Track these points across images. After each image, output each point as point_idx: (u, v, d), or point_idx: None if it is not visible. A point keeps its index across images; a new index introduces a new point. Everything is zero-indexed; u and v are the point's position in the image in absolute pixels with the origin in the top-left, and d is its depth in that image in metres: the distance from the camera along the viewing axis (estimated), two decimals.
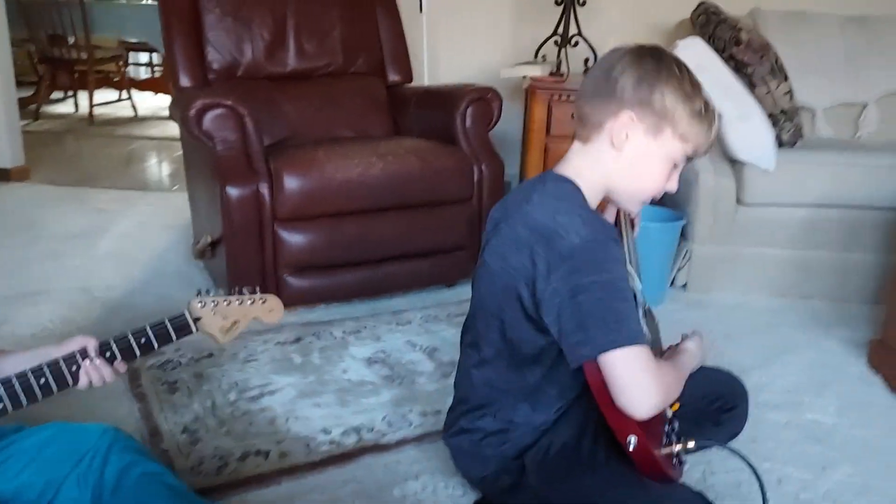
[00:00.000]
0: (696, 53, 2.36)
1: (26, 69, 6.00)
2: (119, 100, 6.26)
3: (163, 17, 2.49)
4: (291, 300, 2.20)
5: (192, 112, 2.07)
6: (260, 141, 2.14)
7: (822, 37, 2.98)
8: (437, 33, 3.18)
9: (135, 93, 6.06)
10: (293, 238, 2.13)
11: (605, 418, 1.13)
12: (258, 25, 2.57)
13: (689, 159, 1.22)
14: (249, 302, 1.44)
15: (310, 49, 2.66)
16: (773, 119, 2.49)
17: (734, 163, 2.46)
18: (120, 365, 1.29)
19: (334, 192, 2.12)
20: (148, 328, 1.31)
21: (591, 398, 1.15)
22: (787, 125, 2.51)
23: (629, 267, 1.40)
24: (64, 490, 1.19)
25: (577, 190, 1.21)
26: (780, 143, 2.51)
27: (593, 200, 1.25)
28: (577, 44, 2.99)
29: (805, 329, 2.28)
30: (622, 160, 1.20)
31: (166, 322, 1.33)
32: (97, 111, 5.64)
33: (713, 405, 1.40)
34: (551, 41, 3.00)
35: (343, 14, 2.71)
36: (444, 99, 2.49)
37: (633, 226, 1.61)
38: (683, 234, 2.56)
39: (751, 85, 2.48)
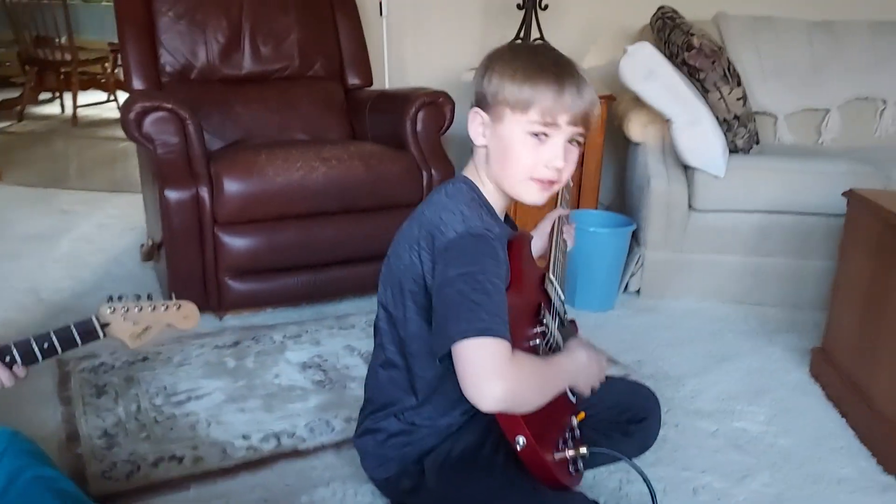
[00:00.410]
0: (643, 58, 2.35)
1: (17, 70, 6.03)
2: (107, 101, 6.29)
3: (117, 19, 2.49)
4: (233, 304, 2.21)
5: (132, 115, 2.07)
6: (202, 144, 2.14)
7: (788, 42, 2.97)
8: (403, 37, 3.18)
9: (122, 94, 6.08)
10: (234, 242, 2.12)
11: (496, 418, 1.12)
12: (212, 29, 2.57)
13: (549, 125, 1.15)
14: (163, 308, 1.43)
15: (265, 52, 2.66)
16: (727, 125, 2.48)
17: (688, 169, 2.45)
18: (19, 369, 1.29)
19: (274, 196, 2.12)
20: (52, 333, 1.30)
21: None
22: (741, 131, 2.50)
23: (551, 276, 1.39)
24: None
25: (473, 189, 1.23)
26: (735, 149, 2.51)
27: (496, 198, 1.25)
28: None
29: (752, 336, 2.26)
30: (490, 153, 1.22)
31: (72, 327, 1.32)
32: (82, 112, 5.66)
33: (623, 416, 1.40)
34: None
35: (300, 17, 2.71)
36: (396, 103, 2.49)
37: (567, 237, 1.59)
38: (636, 240, 2.55)
39: (703, 90, 2.46)
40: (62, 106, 5.98)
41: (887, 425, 1.63)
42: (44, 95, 6.23)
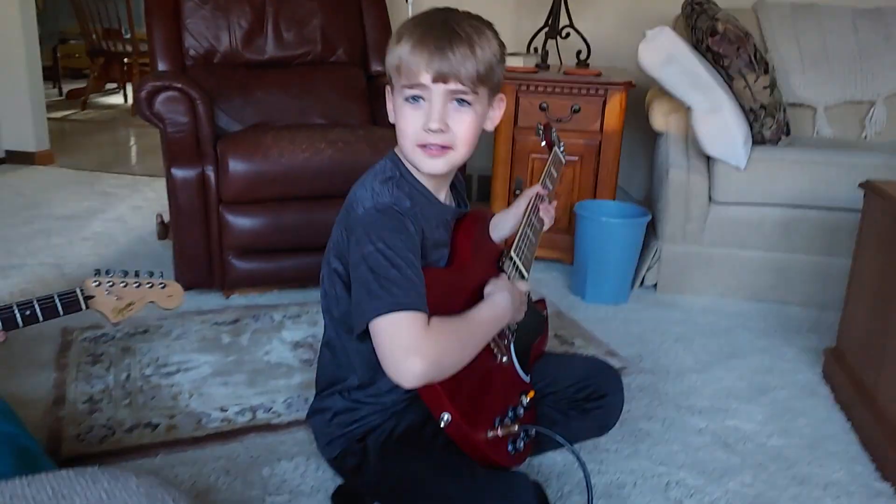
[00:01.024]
0: (662, 43, 2.27)
1: (87, 62, 6.30)
2: None
3: (145, 4, 2.57)
4: (237, 283, 2.24)
5: (143, 94, 2.12)
6: (211, 124, 2.18)
7: (831, 30, 2.82)
8: None
9: None
10: (238, 221, 2.15)
11: (420, 395, 1.10)
12: (236, 14, 2.61)
13: (416, 86, 1.10)
14: (148, 286, 1.47)
15: (288, 38, 2.69)
16: (753, 114, 2.37)
17: (709, 160, 2.36)
18: (0, 334, 1.34)
19: (278, 177, 2.14)
20: (35, 301, 1.35)
21: None
22: (769, 121, 2.38)
23: (512, 254, 1.36)
24: None
25: (397, 165, 1.21)
26: (763, 140, 2.40)
27: (421, 175, 1.21)
28: (567, 35, 2.93)
29: (767, 335, 2.16)
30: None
31: (55, 297, 1.37)
32: None
33: (581, 393, 1.34)
34: (543, 33, 2.94)
35: (324, 3, 2.72)
36: None
37: (545, 216, 1.56)
38: (654, 233, 2.47)
39: (728, 78, 2.36)
40: (125, 96, 6.21)
41: (889, 429, 1.53)
42: (109, 86, 6.48)
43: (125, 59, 5.88)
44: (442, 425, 1.08)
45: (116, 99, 6.28)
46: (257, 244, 2.19)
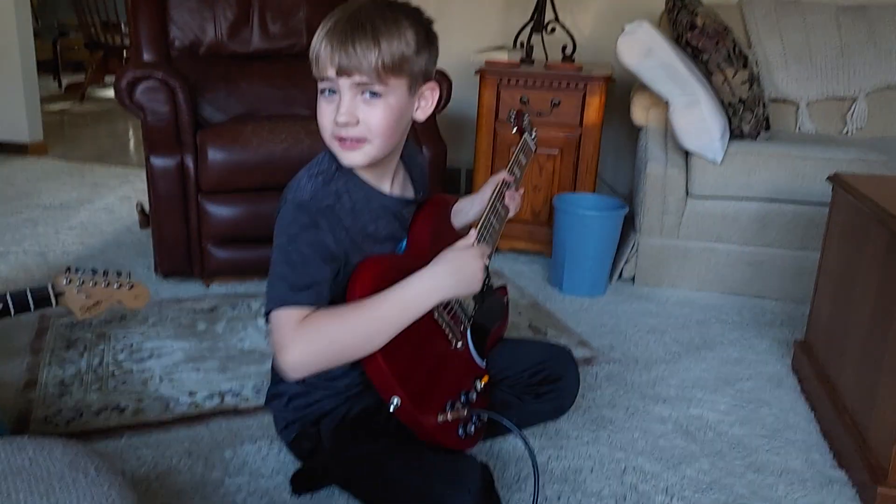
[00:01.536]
0: (641, 37, 2.28)
1: (86, 55, 6.34)
2: None
3: None
4: (216, 271, 2.26)
5: (124, 83, 2.15)
6: (191, 114, 2.20)
7: (815, 26, 2.83)
8: None
9: None
10: (217, 210, 2.18)
11: (370, 378, 1.12)
12: (222, 6, 2.63)
13: (325, 80, 1.11)
14: (116, 285, 1.50)
15: (274, 30, 2.71)
16: (732, 109, 2.38)
17: (688, 154, 2.37)
18: None
19: (257, 167, 2.16)
20: (8, 295, 1.38)
21: None
22: (747, 115, 2.39)
23: (485, 231, 1.37)
24: None
25: (333, 159, 1.20)
26: (742, 135, 2.41)
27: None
28: (553, 30, 2.94)
29: (740, 327, 2.17)
30: None
31: (27, 291, 1.40)
32: None
33: (535, 377, 1.36)
34: (529, 27, 2.95)
35: None
36: None
37: (505, 208, 1.55)
38: (633, 226, 2.49)
39: (707, 72, 2.38)
40: None
41: (848, 417, 1.54)
42: (108, 79, 6.50)
43: (124, 52, 5.91)
44: (391, 409, 1.10)
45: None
46: (236, 233, 2.22)
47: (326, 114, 1.12)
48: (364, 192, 1.20)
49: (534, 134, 1.74)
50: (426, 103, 1.19)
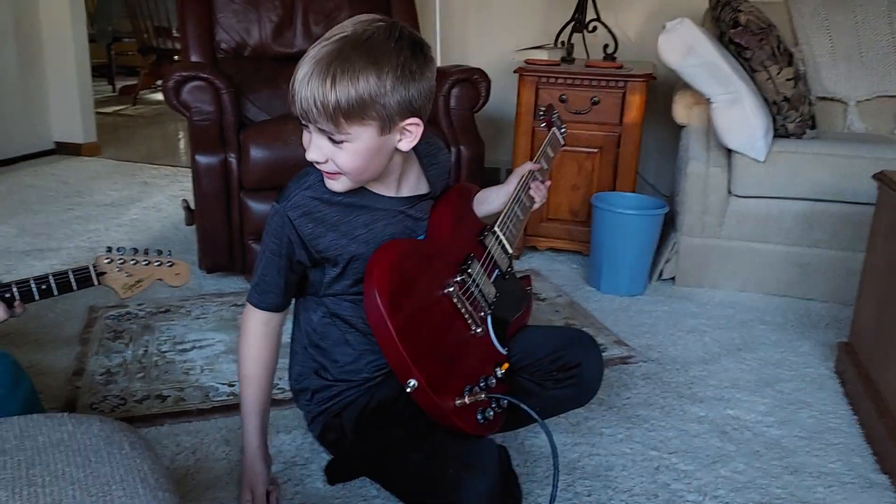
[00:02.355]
0: (682, 35, 2.25)
1: (139, 60, 6.52)
2: None
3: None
4: None
5: (171, 83, 2.21)
6: (235, 113, 2.26)
7: (865, 23, 2.76)
8: (467, 17, 3.23)
9: None
10: (258, 207, 2.22)
11: (387, 361, 1.13)
12: (266, 8, 2.69)
13: (306, 118, 1.10)
14: (157, 263, 1.54)
15: (316, 31, 2.75)
16: (776, 107, 2.34)
17: (730, 153, 2.34)
18: (18, 306, 1.41)
19: (298, 164, 2.16)
20: (51, 276, 1.43)
21: None
22: (792, 114, 2.35)
23: (496, 229, 1.38)
24: None
25: None
26: (786, 133, 2.36)
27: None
28: (594, 29, 2.93)
29: (783, 329, 2.13)
30: None
31: (69, 272, 1.44)
32: None
33: (555, 364, 1.34)
34: (570, 27, 2.95)
35: None
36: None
37: (535, 194, 1.54)
38: (673, 226, 2.46)
39: (751, 70, 2.34)
40: None
41: (891, 420, 1.50)
42: (160, 82, 6.67)
43: (175, 57, 6.06)
44: (408, 391, 1.10)
45: None
46: None
47: (304, 144, 1.15)
48: (358, 195, 1.19)
49: (563, 129, 1.73)
50: (410, 136, 1.13)
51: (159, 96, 6.42)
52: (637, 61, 2.87)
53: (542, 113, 1.73)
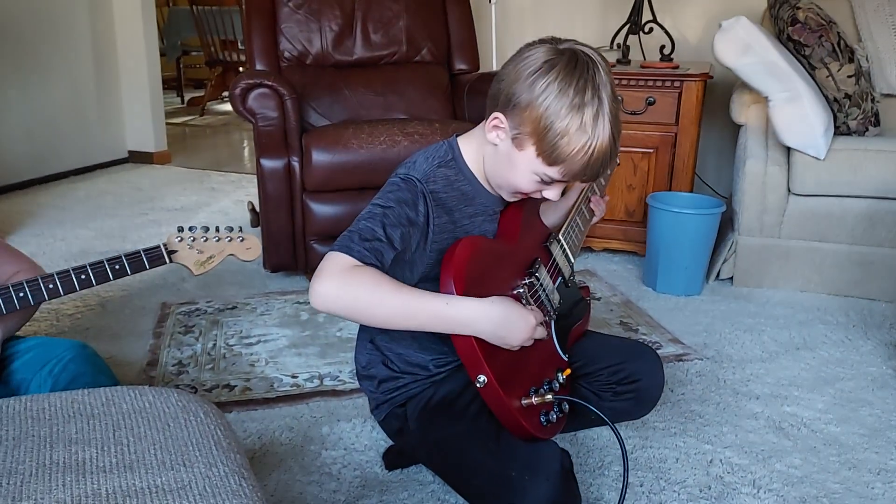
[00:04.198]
0: (739, 33, 2.24)
1: (207, 73, 6.77)
2: None
3: (245, 10, 2.78)
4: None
5: (238, 91, 2.31)
6: (298, 119, 2.34)
7: None
8: (523, 22, 3.27)
9: None
10: (320, 208, 2.30)
11: (459, 355, 1.16)
12: (327, 17, 2.78)
13: (563, 181, 1.15)
14: (227, 239, 1.60)
15: (375, 39, 2.84)
16: (837, 104, 2.31)
17: (789, 151, 2.31)
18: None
19: (358, 167, 2.27)
20: (123, 256, 1.51)
21: None
22: (854, 111, 2.31)
23: (561, 238, 1.41)
24: (31, 388, 1.43)
25: (451, 151, 1.25)
26: (848, 131, 2.33)
27: (478, 167, 1.26)
28: (651, 31, 2.93)
29: (845, 328, 2.10)
30: (492, 151, 1.20)
31: (141, 252, 1.53)
32: None
33: (615, 377, 1.35)
34: (626, 28, 2.96)
35: (410, 5, 2.85)
36: (488, 83, 2.56)
37: (590, 211, 1.57)
38: (731, 225, 2.45)
39: (810, 67, 2.31)
40: None
41: None
42: (226, 94, 6.90)
43: (240, 68, 6.27)
44: (478, 386, 1.12)
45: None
46: (338, 230, 2.28)
47: (531, 186, 1.18)
48: (472, 186, 1.25)
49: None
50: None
51: (225, 107, 6.65)
52: (694, 62, 2.86)
53: None
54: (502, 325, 1.12)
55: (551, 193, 1.19)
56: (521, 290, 1.25)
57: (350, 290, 1.07)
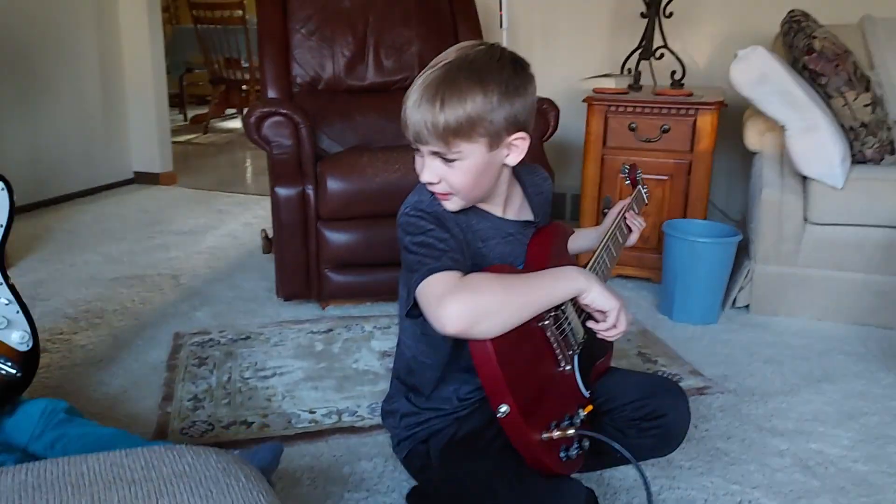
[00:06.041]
0: (755, 63, 2.24)
1: (209, 90, 6.77)
2: None
3: (259, 36, 2.77)
4: (333, 294, 2.37)
5: (253, 119, 2.30)
6: (312, 146, 2.33)
7: None
8: (532, 47, 3.26)
9: None
10: (335, 236, 2.29)
11: (482, 383, 1.14)
12: (339, 43, 2.78)
13: (418, 141, 1.15)
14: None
15: (387, 65, 2.83)
16: (853, 133, 2.31)
17: (805, 179, 2.30)
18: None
19: (373, 195, 2.26)
20: None
21: None
22: (870, 140, 2.31)
23: (602, 255, 1.40)
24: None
25: None
26: (864, 160, 2.32)
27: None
28: (661, 56, 2.93)
29: (865, 359, 2.08)
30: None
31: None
32: None
33: (639, 412, 1.33)
34: (636, 54, 2.96)
35: (421, 30, 2.85)
36: None
37: (628, 228, 1.57)
38: (747, 253, 2.43)
39: (826, 96, 2.31)
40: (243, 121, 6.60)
41: None
42: (229, 111, 6.91)
43: (243, 87, 6.28)
44: (499, 416, 1.10)
45: (235, 123, 6.69)
46: (352, 258, 2.32)
47: (417, 169, 1.20)
48: (475, 214, 1.24)
49: (646, 189, 1.74)
50: (517, 150, 1.19)
51: (228, 125, 6.65)
52: (705, 87, 2.86)
53: (626, 171, 1.75)
54: (600, 292, 1.16)
55: (422, 172, 1.18)
56: (547, 322, 1.24)
57: (474, 295, 1.06)
